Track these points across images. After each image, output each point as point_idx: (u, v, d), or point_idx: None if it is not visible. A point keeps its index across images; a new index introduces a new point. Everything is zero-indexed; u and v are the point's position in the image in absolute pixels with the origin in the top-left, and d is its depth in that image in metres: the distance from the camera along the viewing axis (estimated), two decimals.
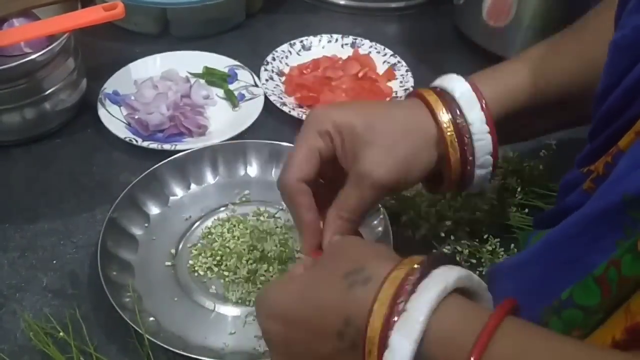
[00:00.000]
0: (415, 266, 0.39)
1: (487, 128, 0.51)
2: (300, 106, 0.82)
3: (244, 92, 0.83)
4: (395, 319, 0.36)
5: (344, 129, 0.50)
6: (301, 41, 0.90)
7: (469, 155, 0.52)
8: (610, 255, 0.37)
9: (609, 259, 0.37)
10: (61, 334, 0.58)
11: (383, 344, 0.36)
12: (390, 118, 0.52)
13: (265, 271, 0.63)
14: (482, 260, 0.64)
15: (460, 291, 0.39)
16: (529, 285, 0.45)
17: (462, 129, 0.51)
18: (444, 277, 0.37)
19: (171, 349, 0.55)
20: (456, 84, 0.53)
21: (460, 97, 0.52)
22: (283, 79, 0.86)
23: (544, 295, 0.42)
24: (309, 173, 0.51)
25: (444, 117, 0.51)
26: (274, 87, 0.84)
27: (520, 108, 0.55)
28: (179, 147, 0.74)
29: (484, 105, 0.52)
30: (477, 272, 0.63)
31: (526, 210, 0.67)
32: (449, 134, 0.51)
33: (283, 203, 0.69)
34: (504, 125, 0.54)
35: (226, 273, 0.63)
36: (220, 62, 0.86)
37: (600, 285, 0.37)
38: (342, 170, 0.52)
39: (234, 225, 0.67)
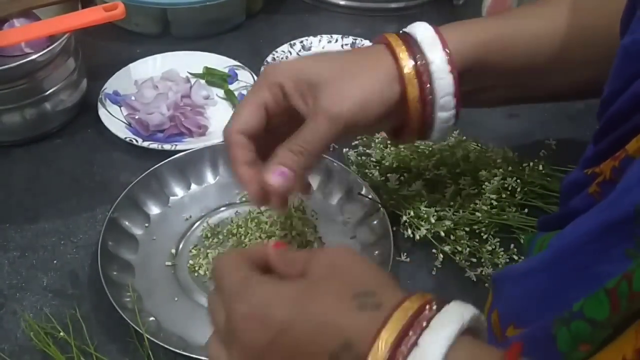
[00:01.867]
0: (429, 300, 0.37)
1: (448, 67, 0.51)
2: None
3: (244, 92, 0.83)
4: (404, 351, 0.34)
5: (300, 76, 0.51)
6: (301, 41, 0.90)
7: (429, 94, 0.51)
8: (623, 266, 0.36)
9: (623, 272, 0.36)
10: (61, 333, 0.58)
11: None
12: (348, 59, 0.52)
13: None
14: (482, 260, 0.64)
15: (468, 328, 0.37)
16: (539, 293, 0.44)
17: (421, 67, 0.51)
18: (460, 315, 0.36)
19: (171, 349, 0.55)
20: (419, 28, 0.53)
21: (422, 40, 0.52)
22: None
23: (554, 304, 0.41)
24: (252, 125, 0.51)
25: (404, 55, 0.51)
26: None
27: (486, 63, 0.54)
28: (179, 147, 0.74)
29: (446, 48, 0.52)
30: (478, 272, 0.63)
31: (526, 210, 0.67)
32: (407, 71, 0.51)
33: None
34: (468, 81, 0.53)
35: None
36: (221, 63, 0.86)
37: (610, 299, 0.36)
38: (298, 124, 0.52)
39: (234, 226, 0.67)
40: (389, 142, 0.74)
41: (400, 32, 0.54)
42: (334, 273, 0.40)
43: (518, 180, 0.68)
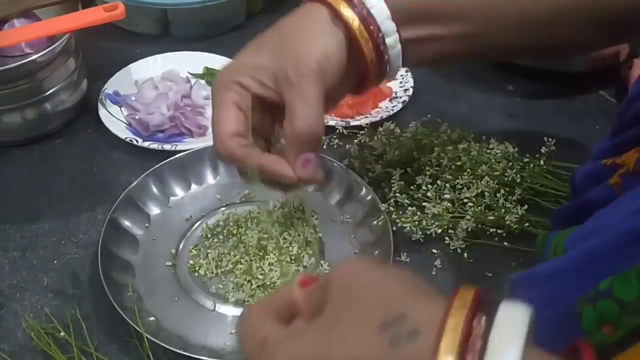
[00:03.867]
0: (473, 307, 0.30)
1: None
2: None
3: None
4: None
5: (250, 67, 0.50)
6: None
7: (370, 23, 0.50)
8: None
9: None
10: (62, 333, 0.58)
11: None
12: (282, 30, 0.51)
13: (265, 272, 0.63)
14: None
15: None
16: (566, 290, 0.42)
17: (352, 2, 0.50)
18: (517, 326, 0.30)
19: (171, 348, 0.55)
20: None
21: None
22: None
23: (582, 291, 0.39)
24: (237, 124, 0.49)
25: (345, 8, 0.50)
26: None
27: (422, 9, 0.53)
28: (180, 147, 0.74)
29: None
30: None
31: (525, 206, 0.67)
32: (342, 8, 0.50)
33: (282, 202, 0.69)
34: (406, 29, 0.52)
35: (226, 273, 0.63)
36: (221, 63, 0.85)
37: None
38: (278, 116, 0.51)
39: (234, 226, 0.67)
40: (391, 136, 0.74)
41: None
42: (352, 299, 0.34)
43: (517, 175, 0.68)
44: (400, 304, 0.32)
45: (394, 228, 0.65)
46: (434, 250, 0.66)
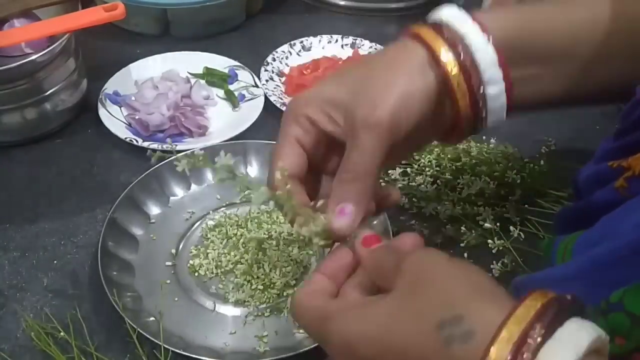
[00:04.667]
0: (535, 318, 0.31)
1: (483, 36, 0.45)
2: None
3: (244, 92, 0.83)
4: None
5: (323, 99, 0.46)
6: (301, 42, 0.90)
7: (470, 68, 0.45)
8: None
9: None
10: (62, 333, 0.58)
11: None
12: (370, 63, 0.47)
13: (265, 272, 0.63)
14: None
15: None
16: None
17: (453, 41, 0.45)
18: (574, 344, 0.30)
19: (171, 348, 0.55)
20: (442, 9, 0.47)
21: (448, 17, 0.47)
22: (283, 79, 0.86)
23: (588, 300, 0.38)
24: (295, 165, 0.46)
25: (431, 36, 0.45)
26: (274, 88, 0.84)
27: (521, 47, 0.48)
28: (180, 147, 0.74)
29: (475, 18, 0.46)
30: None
31: (525, 205, 0.67)
32: (439, 49, 0.45)
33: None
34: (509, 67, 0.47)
35: (226, 273, 0.63)
36: (221, 63, 0.86)
37: None
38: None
39: (234, 226, 0.67)
40: None
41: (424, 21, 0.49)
42: (419, 288, 0.36)
43: (517, 176, 0.68)
44: (461, 305, 0.33)
45: (394, 229, 0.65)
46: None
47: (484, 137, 0.74)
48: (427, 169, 0.71)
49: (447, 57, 0.45)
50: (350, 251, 0.43)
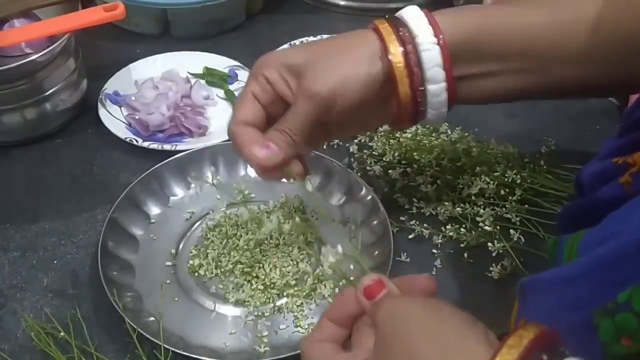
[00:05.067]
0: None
1: (434, 39, 0.50)
2: None
3: None
4: None
5: (283, 64, 0.52)
6: (301, 41, 0.90)
7: (414, 65, 0.50)
8: None
9: None
10: (62, 334, 0.58)
11: None
12: (331, 42, 0.53)
13: (265, 272, 0.63)
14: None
15: None
16: (578, 297, 0.41)
17: (405, 39, 0.50)
18: None
19: (171, 349, 0.55)
20: (406, 9, 0.53)
21: (407, 16, 0.52)
22: None
23: (595, 300, 0.39)
24: (250, 116, 0.53)
25: (387, 30, 0.51)
26: None
27: (480, 44, 0.53)
28: (180, 147, 0.74)
29: (432, 23, 0.51)
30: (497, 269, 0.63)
31: (525, 205, 0.67)
32: (391, 44, 0.50)
33: (282, 202, 0.69)
34: (465, 62, 0.52)
35: (226, 273, 0.63)
36: (221, 63, 0.86)
37: None
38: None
39: (234, 226, 0.67)
40: (390, 135, 0.74)
41: (387, 16, 0.54)
42: (395, 346, 0.38)
43: (517, 176, 0.68)
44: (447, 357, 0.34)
45: (394, 228, 0.65)
46: (434, 251, 0.66)
47: (483, 137, 0.74)
48: (427, 169, 0.71)
49: (396, 52, 0.50)
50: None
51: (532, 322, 0.36)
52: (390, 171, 0.71)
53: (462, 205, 0.68)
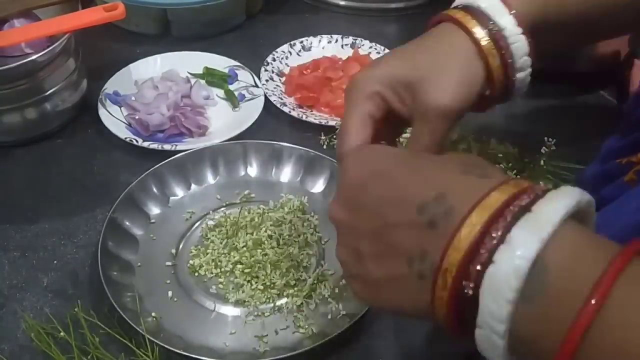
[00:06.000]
0: (519, 192, 0.33)
1: (519, 29, 0.51)
2: (300, 106, 0.82)
3: (244, 92, 0.83)
4: (514, 210, 0.32)
5: (394, 80, 0.51)
6: (301, 42, 0.90)
7: (508, 58, 0.51)
8: None
9: None
10: (62, 334, 0.58)
11: (468, 272, 0.32)
12: (428, 49, 0.53)
13: (265, 272, 0.63)
14: None
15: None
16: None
17: (496, 35, 0.51)
18: (576, 193, 0.33)
19: (171, 349, 0.55)
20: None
21: (487, 7, 0.52)
22: (283, 79, 0.86)
23: None
24: (364, 138, 0.50)
25: (476, 28, 0.52)
26: (274, 88, 0.84)
27: (547, 19, 0.54)
28: (180, 147, 0.74)
29: (512, 11, 0.52)
30: None
31: None
32: (484, 43, 0.51)
33: (282, 202, 0.69)
34: (537, 40, 0.53)
35: (226, 273, 0.63)
36: (221, 63, 0.86)
37: None
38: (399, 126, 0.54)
39: (234, 226, 0.67)
40: None
41: (460, 5, 0.54)
42: (401, 166, 0.40)
43: (517, 176, 0.68)
44: (444, 184, 0.36)
45: None
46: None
47: (483, 137, 0.74)
48: None
49: (491, 52, 0.51)
50: None
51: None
52: None
53: None
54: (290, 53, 0.89)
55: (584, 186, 0.52)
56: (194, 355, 0.55)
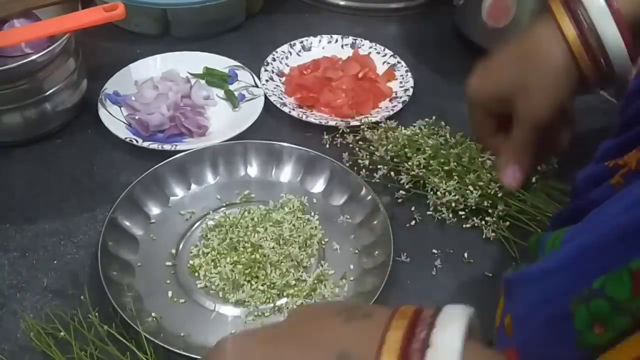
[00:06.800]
0: (420, 306, 0.34)
1: (622, 44, 0.54)
2: (300, 106, 0.82)
3: (244, 92, 0.83)
4: (416, 349, 0.31)
5: (496, 94, 0.59)
6: (301, 42, 0.90)
7: (599, 55, 0.54)
8: None
9: None
10: (62, 334, 0.58)
11: None
12: (523, 64, 0.58)
13: (265, 272, 0.63)
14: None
15: None
16: (559, 287, 0.42)
17: (594, 50, 0.54)
18: (462, 311, 0.33)
19: (171, 349, 0.55)
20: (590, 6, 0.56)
21: (589, 5, 0.55)
22: (283, 79, 0.86)
23: (574, 288, 0.39)
24: (492, 134, 0.63)
25: (573, 39, 0.55)
26: (274, 88, 0.84)
27: None
28: (180, 147, 0.74)
29: (617, 18, 0.54)
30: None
31: (507, 223, 0.67)
32: (574, 44, 0.55)
33: (282, 202, 0.69)
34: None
35: (226, 273, 0.63)
36: (221, 63, 0.86)
37: (632, 280, 0.35)
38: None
39: (234, 226, 0.67)
40: (389, 132, 0.74)
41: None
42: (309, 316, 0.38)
43: (500, 190, 0.68)
44: (335, 342, 0.33)
45: (394, 228, 0.65)
46: (434, 250, 0.66)
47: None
48: (415, 168, 0.70)
49: (585, 65, 0.55)
50: None
51: (518, 317, 0.38)
52: (379, 166, 0.71)
53: (441, 211, 0.68)
54: (290, 53, 0.89)
55: (576, 188, 0.53)
56: (194, 355, 0.55)
